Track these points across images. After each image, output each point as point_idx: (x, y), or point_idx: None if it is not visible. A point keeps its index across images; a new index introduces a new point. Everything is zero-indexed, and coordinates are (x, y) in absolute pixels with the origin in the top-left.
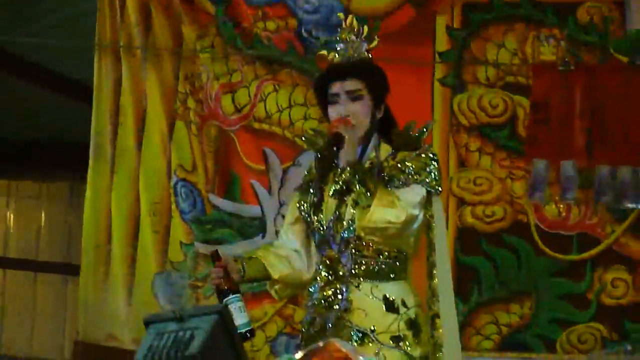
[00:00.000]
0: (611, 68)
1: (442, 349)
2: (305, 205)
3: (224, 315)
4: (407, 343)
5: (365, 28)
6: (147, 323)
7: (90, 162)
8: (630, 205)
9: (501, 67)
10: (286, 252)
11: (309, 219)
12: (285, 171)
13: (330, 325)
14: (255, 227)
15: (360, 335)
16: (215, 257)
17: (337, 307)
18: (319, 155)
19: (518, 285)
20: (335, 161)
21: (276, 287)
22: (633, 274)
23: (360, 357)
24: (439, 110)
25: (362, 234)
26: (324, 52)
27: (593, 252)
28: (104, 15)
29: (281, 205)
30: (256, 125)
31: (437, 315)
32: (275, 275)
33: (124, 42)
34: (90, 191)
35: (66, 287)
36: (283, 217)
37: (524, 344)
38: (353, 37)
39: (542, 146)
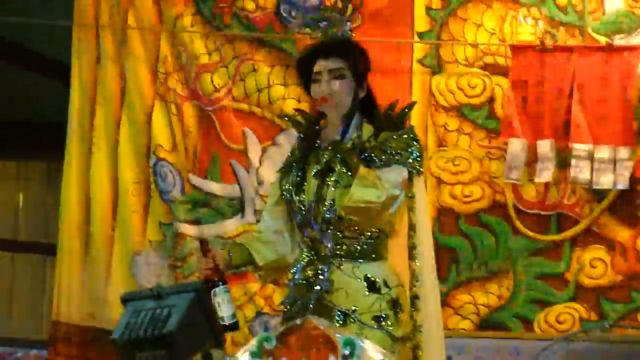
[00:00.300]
0: (589, 48)
1: (421, 330)
2: (287, 185)
3: (201, 293)
4: (389, 323)
5: (349, 7)
6: (125, 300)
7: (68, 141)
8: (608, 186)
9: (479, 47)
10: (271, 237)
11: (290, 200)
12: (264, 151)
13: (312, 306)
14: (234, 207)
15: (342, 315)
16: (204, 247)
17: (318, 287)
18: (302, 136)
19: (496, 265)
20: (318, 141)
21: (260, 272)
22: (612, 254)
23: (337, 335)
24: (418, 91)
25: (344, 214)
26: (308, 29)
27: (571, 232)
28: None
29: (260, 184)
30: (235, 105)
31: (416, 297)
32: (260, 262)
33: (104, 22)
34: (68, 171)
35: (45, 267)
36: (262, 196)
37: (502, 324)
38: (337, 16)
39: (518, 126)
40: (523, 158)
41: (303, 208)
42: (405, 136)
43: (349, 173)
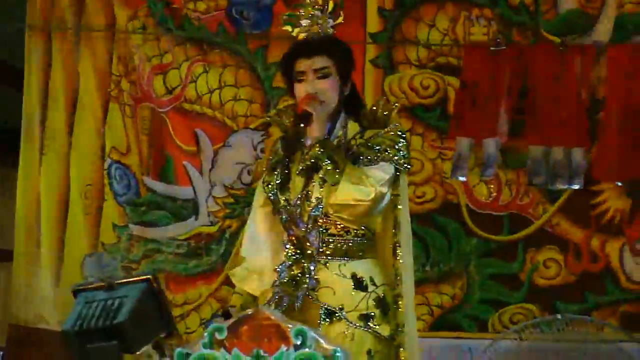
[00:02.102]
0: (542, 48)
1: (404, 329)
2: (271, 185)
3: (152, 283)
4: (376, 322)
5: (331, 4)
6: (76, 292)
7: (22, 145)
8: (563, 186)
9: (432, 47)
10: (255, 267)
11: (275, 199)
12: (216, 152)
13: (299, 304)
14: (188, 209)
15: (329, 313)
16: (227, 317)
17: (305, 285)
18: (284, 135)
19: (449, 266)
20: (302, 140)
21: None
22: (565, 254)
23: (289, 325)
24: (370, 91)
25: (331, 212)
26: (289, 27)
27: (525, 232)
28: None
29: (212, 186)
30: (187, 106)
31: (399, 296)
32: (257, 293)
33: (55, 24)
34: (22, 174)
35: None
36: (214, 198)
37: (456, 325)
38: (318, 13)
39: (466, 125)
40: (469, 156)
41: (288, 206)
42: (392, 133)
43: (337, 170)
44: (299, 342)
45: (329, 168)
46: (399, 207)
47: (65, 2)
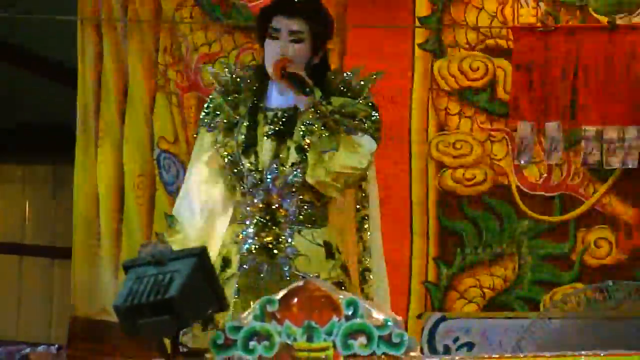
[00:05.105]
0: (591, 28)
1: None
2: (229, 146)
3: (203, 257)
4: (346, 290)
5: None
6: (127, 267)
7: (78, 137)
8: (617, 166)
9: (481, 30)
10: (183, 230)
11: (235, 161)
12: None
13: (284, 272)
14: None
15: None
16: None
17: (282, 253)
18: (227, 91)
19: (500, 248)
20: (262, 103)
21: None
22: (616, 233)
23: (340, 296)
24: (419, 75)
25: (328, 180)
26: None
27: (576, 212)
28: None
29: None
30: None
31: (368, 270)
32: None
33: (105, 15)
34: (78, 167)
35: (52, 269)
36: None
37: (508, 306)
38: None
39: (526, 108)
40: (533, 140)
41: (255, 171)
42: (365, 105)
43: (333, 137)
44: (350, 313)
45: (326, 135)
46: (369, 180)
47: None
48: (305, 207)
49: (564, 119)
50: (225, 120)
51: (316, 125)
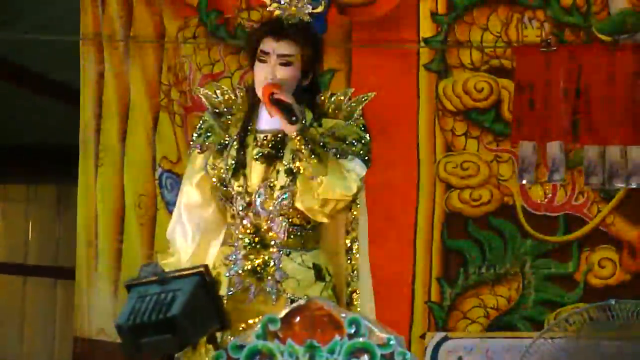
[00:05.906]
0: (595, 48)
1: None
2: (218, 168)
3: (205, 276)
4: None
5: None
6: (129, 286)
7: (80, 157)
8: (620, 185)
9: (485, 50)
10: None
11: (225, 184)
12: None
13: (272, 295)
14: None
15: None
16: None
17: (270, 277)
18: (217, 112)
19: (504, 268)
20: (252, 125)
21: None
22: (620, 253)
23: (343, 314)
24: (425, 96)
25: (316, 206)
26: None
27: (580, 232)
28: (85, 8)
29: None
30: None
31: (355, 292)
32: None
33: (106, 34)
34: (81, 187)
35: (55, 290)
36: None
37: (512, 326)
38: None
39: (527, 128)
40: (534, 160)
41: (245, 193)
42: (356, 127)
43: (321, 164)
44: (352, 331)
45: (314, 161)
46: (358, 204)
47: (115, 13)
48: (295, 230)
49: (567, 139)
50: (216, 142)
51: (304, 152)
